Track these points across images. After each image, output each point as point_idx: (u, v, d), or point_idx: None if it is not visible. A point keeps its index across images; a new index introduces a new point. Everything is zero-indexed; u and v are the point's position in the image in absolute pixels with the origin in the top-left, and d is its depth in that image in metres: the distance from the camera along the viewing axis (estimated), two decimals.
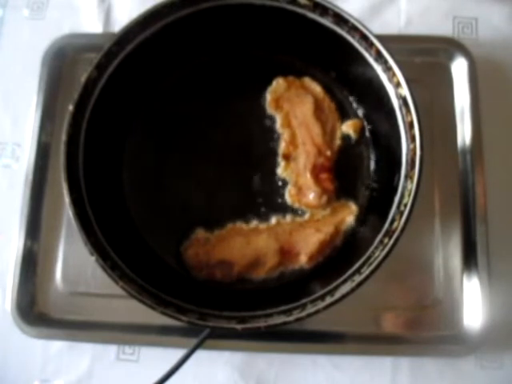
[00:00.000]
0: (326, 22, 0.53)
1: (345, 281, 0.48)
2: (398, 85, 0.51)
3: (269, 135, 0.59)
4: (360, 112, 0.60)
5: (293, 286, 0.55)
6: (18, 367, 0.59)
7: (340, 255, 0.56)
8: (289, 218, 0.57)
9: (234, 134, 0.59)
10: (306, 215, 0.57)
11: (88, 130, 0.51)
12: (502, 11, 0.68)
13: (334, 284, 0.48)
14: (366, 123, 0.60)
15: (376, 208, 0.56)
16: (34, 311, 0.59)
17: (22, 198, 0.61)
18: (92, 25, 0.70)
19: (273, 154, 0.59)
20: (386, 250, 0.47)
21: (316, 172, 0.57)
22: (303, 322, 0.47)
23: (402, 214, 0.48)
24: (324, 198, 0.56)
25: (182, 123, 0.60)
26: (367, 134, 0.59)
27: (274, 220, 0.57)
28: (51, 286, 0.60)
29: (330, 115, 0.60)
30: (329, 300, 0.47)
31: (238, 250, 0.55)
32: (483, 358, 0.58)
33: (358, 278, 0.47)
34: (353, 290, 0.47)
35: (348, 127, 0.59)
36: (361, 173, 0.59)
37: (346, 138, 0.60)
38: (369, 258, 0.48)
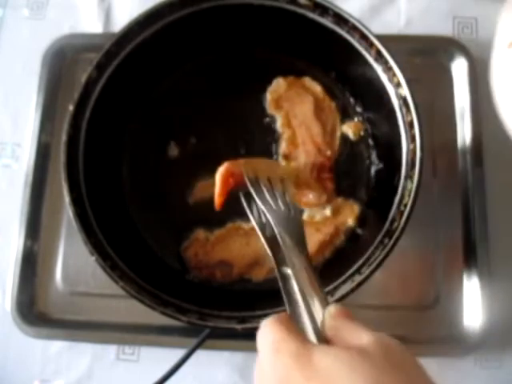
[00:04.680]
0: (326, 21, 0.53)
1: (345, 281, 0.48)
2: (398, 85, 0.50)
3: (269, 135, 0.59)
4: (360, 112, 0.60)
5: None
6: (17, 367, 0.59)
7: (340, 255, 0.56)
8: None
9: (233, 133, 0.59)
10: (306, 214, 0.57)
11: (88, 130, 0.51)
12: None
13: (334, 284, 0.48)
14: (366, 123, 0.60)
15: (376, 208, 0.56)
16: (34, 311, 0.59)
17: (22, 198, 0.61)
18: (92, 25, 0.70)
19: (273, 153, 0.59)
20: (386, 250, 0.47)
21: (316, 171, 0.57)
22: None
23: (402, 214, 0.48)
24: (324, 197, 0.56)
25: (182, 123, 0.60)
26: (367, 134, 0.59)
27: None
28: (51, 286, 0.60)
29: (330, 115, 0.60)
30: (329, 300, 0.47)
31: (238, 251, 0.55)
32: (483, 358, 0.58)
33: (358, 278, 0.47)
34: (353, 290, 0.47)
35: (348, 128, 0.59)
36: (361, 173, 0.59)
37: (346, 137, 0.60)
38: (369, 258, 0.48)
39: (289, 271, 0.37)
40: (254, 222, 0.43)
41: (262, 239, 0.41)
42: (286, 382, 0.29)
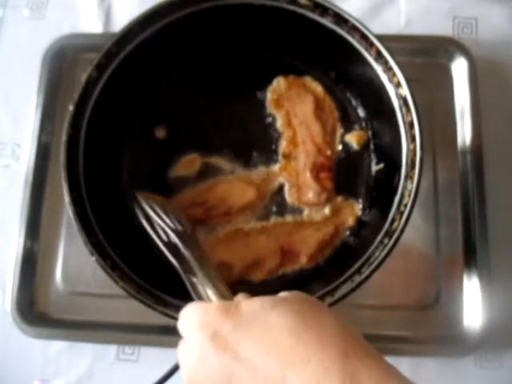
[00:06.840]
0: (326, 21, 0.53)
1: (345, 281, 0.48)
2: (398, 85, 0.50)
3: (269, 134, 0.59)
4: (360, 112, 0.60)
5: (293, 287, 0.54)
6: (17, 367, 0.59)
7: (340, 255, 0.56)
8: (288, 217, 0.57)
9: (234, 133, 0.59)
10: (305, 213, 0.57)
11: (88, 130, 0.51)
12: (502, 11, 0.68)
13: (334, 284, 0.48)
14: (365, 124, 0.60)
15: (376, 208, 0.56)
16: (34, 311, 0.59)
17: (22, 198, 0.61)
18: (92, 25, 0.70)
19: (273, 152, 0.59)
20: (386, 250, 0.47)
21: (316, 171, 0.57)
22: None
23: (402, 214, 0.48)
24: (323, 197, 0.56)
25: (183, 123, 0.60)
26: (367, 134, 0.59)
27: (273, 220, 0.57)
28: (51, 286, 0.60)
29: (331, 115, 0.60)
30: (329, 300, 0.47)
31: (238, 252, 0.55)
32: (483, 358, 0.58)
33: (358, 278, 0.47)
34: (353, 290, 0.47)
35: (351, 138, 0.59)
36: (361, 173, 0.59)
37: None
38: (369, 258, 0.48)
39: (194, 279, 0.43)
40: (158, 241, 0.47)
41: (168, 254, 0.46)
42: (215, 335, 0.30)
